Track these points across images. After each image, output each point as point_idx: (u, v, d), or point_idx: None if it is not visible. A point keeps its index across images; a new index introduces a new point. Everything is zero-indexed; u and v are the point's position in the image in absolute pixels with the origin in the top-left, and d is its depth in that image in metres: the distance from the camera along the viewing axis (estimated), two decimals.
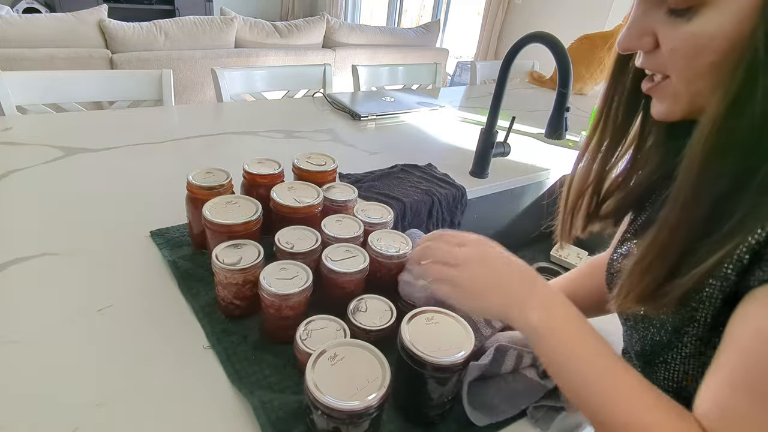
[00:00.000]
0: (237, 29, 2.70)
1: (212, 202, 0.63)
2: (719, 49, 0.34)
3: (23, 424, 0.44)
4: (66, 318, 0.56)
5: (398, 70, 1.98)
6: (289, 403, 0.47)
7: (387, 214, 0.72)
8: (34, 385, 0.48)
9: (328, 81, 1.72)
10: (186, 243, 0.72)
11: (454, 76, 4.05)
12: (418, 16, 5.33)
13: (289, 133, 1.26)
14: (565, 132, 0.89)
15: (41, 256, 0.66)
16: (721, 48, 0.34)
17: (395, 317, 0.55)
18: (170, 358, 0.53)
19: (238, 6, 5.15)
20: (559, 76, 0.85)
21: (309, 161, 0.78)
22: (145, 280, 0.65)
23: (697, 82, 0.37)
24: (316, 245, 0.61)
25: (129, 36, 2.34)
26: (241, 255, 0.56)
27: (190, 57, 2.51)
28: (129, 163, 0.98)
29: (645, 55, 0.41)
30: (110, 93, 1.35)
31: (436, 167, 1.12)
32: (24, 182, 0.85)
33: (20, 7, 4.17)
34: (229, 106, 1.47)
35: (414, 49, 3.48)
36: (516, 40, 0.91)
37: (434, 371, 0.45)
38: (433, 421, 0.50)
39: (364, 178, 1.02)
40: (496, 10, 3.92)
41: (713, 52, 0.35)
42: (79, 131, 1.10)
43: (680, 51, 0.37)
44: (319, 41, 3.08)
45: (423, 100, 1.66)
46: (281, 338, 0.55)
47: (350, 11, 5.61)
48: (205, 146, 1.12)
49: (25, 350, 0.52)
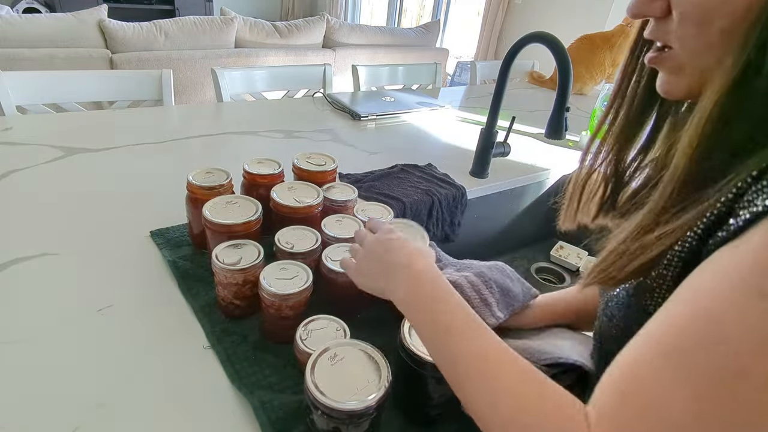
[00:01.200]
0: (237, 29, 2.70)
1: (212, 202, 0.63)
2: (730, 13, 0.32)
3: (23, 424, 0.44)
4: (66, 318, 0.56)
5: (398, 70, 1.98)
6: (289, 403, 0.47)
7: (387, 214, 0.72)
8: (34, 385, 0.48)
9: (328, 81, 1.72)
10: (186, 243, 0.72)
11: (454, 76, 4.05)
12: (418, 16, 5.32)
13: (289, 133, 1.26)
14: (565, 132, 0.89)
15: (41, 256, 0.66)
16: (732, 12, 0.32)
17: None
18: (170, 358, 0.53)
19: (238, 6, 5.15)
20: (559, 76, 0.85)
21: (309, 161, 0.78)
22: (145, 280, 0.64)
23: (704, 54, 0.35)
24: (316, 245, 0.61)
25: (129, 36, 2.34)
26: (241, 255, 0.56)
27: (190, 57, 2.51)
28: (129, 163, 0.98)
29: (654, 23, 0.39)
30: (110, 93, 1.35)
31: (436, 167, 1.12)
32: (24, 182, 0.85)
33: (20, 7, 4.17)
34: (229, 106, 1.47)
35: (414, 49, 3.48)
36: (516, 40, 0.91)
37: (434, 371, 0.45)
38: (433, 421, 0.50)
39: (364, 178, 1.02)
40: (496, 10, 3.92)
41: (724, 16, 0.33)
42: (79, 131, 1.10)
43: (690, 16, 0.35)
44: (319, 41, 3.08)
45: (423, 100, 1.66)
46: (281, 338, 0.55)
47: (350, 11, 5.62)
48: (205, 146, 1.12)
49: (25, 350, 0.52)
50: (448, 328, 0.39)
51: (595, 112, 1.35)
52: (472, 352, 0.37)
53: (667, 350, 0.29)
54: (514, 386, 0.34)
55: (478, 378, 0.36)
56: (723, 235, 0.30)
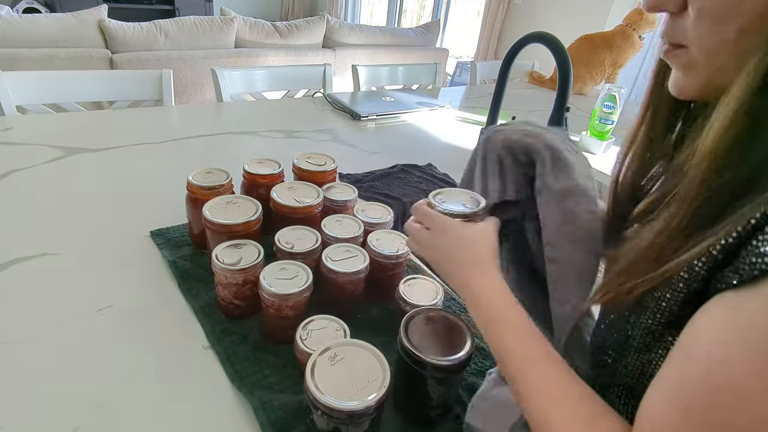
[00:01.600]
0: (237, 29, 2.70)
1: (212, 202, 0.63)
2: (751, 10, 0.31)
3: (23, 424, 0.44)
4: (66, 318, 0.56)
5: (398, 70, 1.98)
6: (289, 403, 0.47)
7: (387, 214, 0.72)
8: (34, 385, 0.48)
9: (328, 81, 1.72)
10: (186, 243, 0.72)
11: (454, 76, 4.05)
12: (418, 16, 5.32)
13: (289, 133, 1.26)
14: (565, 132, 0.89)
15: (41, 256, 0.66)
16: (753, 9, 0.31)
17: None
18: (170, 358, 0.53)
19: (238, 6, 5.15)
20: (559, 76, 0.85)
21: (309, 161, 0.78)
22: (145, 280, 0.64)
23: (720, 54, 0.33)
24: (316, 245, 0.61)
25: (129, 36, 2.34)
26: (241, 255, 0.56)
27: (190, 57, 2.51)
28: (129, 163, 0.98)
29: (670, 19, 0.37)
30: (110, 93, 1.35)
31: (436, 167, 1.12)
32: (24, 182, 0.85)
33: (20, 7, 4.17)
34: (229, 106, 1.47)
35: (414, 49, 3.48)
36: (516, 40, 0.91)
37: (434, 371, 0.45)
38: (433, 421, 0.50)
39: (364, 178, 1.02)
40: (496, 10, 3.92)
41: (743, 13, 0.31)
42: (79, 131, 1.10)
43: (707, 11, 0.33)
44: (319, 41, 3.08)
45: (423, 100, 1.66)
46: (281, 338, 0.55)
47: (350, 11, 5.61)
48: (205, 146, 1.12)
49: (25, 350, 0.52)
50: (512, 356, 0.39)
51: (595, 112, 1.35)
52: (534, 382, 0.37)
53: (689, 411, 0.28)
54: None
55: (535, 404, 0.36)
56: (729, 276, 0.28)
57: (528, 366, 0.38)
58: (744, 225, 0.29)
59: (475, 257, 0.45)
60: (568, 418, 0.34)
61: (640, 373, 0.37)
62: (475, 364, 0.57)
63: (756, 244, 0.27)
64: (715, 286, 0.30)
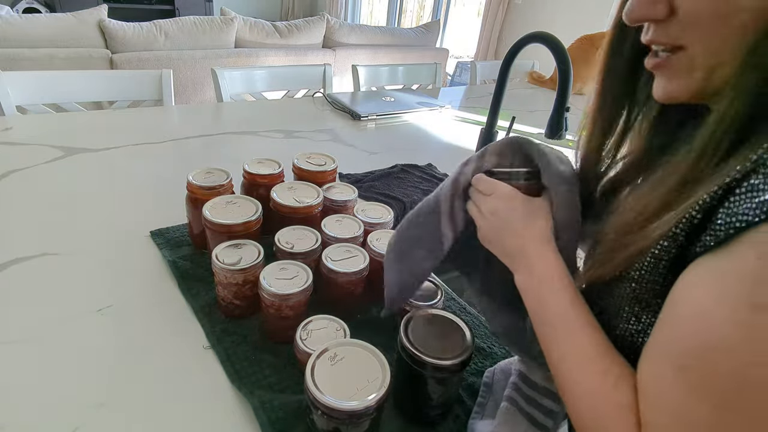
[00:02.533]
0: (237, 29, 2.70)
1: (212, 202, 0.63)
2: (756, 8, 0.29)
3: (23, 424, 0.44)
4: (66, 318, 0.56)
5: (398, 70, 1.98)
6: (289, 403, 0.47)
7: (387, 214, 0.72)
8: (34, 385, 0.48)
9: (328, 81, 1.72)
10: (186, 243, 0.72)
11: (454, 76, 4.05)
12: (418, 16, 5.32)
13: (289, 133, 1.26)
14: (565, 132, 0.89)
15: (41, 256, 0.66)
16: (759, 4, 0.29)
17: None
18: (170, 358, 0.53)
19: (238, 6, 5.15)
20: (559, 76, 0.85)
21: (309, 161, 0.78)
22: (145, 280, 0.64)
23: (722, 52, 0.31)
24: (316, 245, 0.61)
25: (129, 36, 2.34)
26: (241, 255, 0.56)
27: (190, 57, 2.51)
28: (129, 163, 0.98)
29: (655, 26, 0.35)
30: (110, 93, 1.35)
31: (436, 167, 1.12)
32: (24, 182, 0.85)
33: (20, 7, 4.17)
34: (229, 106, 1.47)
35: (414, 49, 3.48)
36: (516, 40, 0.91)
37: (434, 371, 0.45)
38: (433, 421, 0.50)
39: (364, 178, 1.02)
40: (496, 10, 3.92)
41: (746, 8, 0.29)
42: (79, 131, 1.10)
43: (705, 11, 0.31)
44: (319, 41, 3.08)
45: (423, 100, 1.66)
46: (281, 338, 0.55)
47: (350, 11, 5.61)
48: (205, 146, 1.12)
49: (25, 350, 0.52)
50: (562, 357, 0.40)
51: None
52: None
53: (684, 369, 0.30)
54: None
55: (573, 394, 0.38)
56: (708, 240, 0.30)
57: (576, 327, 0.39)
58: (720, 184, 0.30)
59: (536, 227, 0.46)
60: (600, 374, 0.36)
61: (630, 344, 0.38)
62: (475, 364, 0.57)
63: (728, 206, 0.29)
64: (693, 251, 0.31)
